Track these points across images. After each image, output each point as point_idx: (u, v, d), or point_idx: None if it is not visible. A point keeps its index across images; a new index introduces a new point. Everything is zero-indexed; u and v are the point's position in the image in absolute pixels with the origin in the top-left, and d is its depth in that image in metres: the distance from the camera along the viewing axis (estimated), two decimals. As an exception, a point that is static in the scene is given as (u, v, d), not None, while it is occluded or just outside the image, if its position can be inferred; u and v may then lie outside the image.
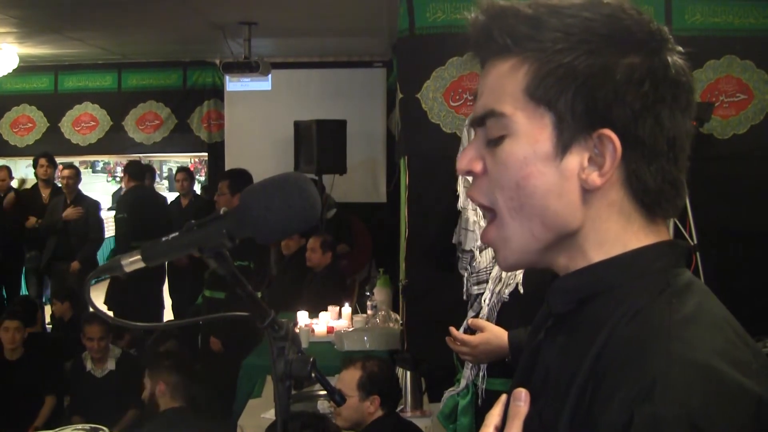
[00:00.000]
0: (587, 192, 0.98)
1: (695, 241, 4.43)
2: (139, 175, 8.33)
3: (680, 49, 1.01)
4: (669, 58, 0.98)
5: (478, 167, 1.05)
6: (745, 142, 4.72)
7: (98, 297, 8.39)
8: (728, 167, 4.56)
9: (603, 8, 0.97)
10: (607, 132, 0.95)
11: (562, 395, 0.95)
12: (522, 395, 1.00)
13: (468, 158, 1.06)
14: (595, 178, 0.97)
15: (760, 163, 4.66)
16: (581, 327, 1.00)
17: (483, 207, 1.07)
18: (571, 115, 0.96)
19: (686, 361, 0.85)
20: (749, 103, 4.72)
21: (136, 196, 8.06)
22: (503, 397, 1.08)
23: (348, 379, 3.38)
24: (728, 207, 4.56)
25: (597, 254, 1.02)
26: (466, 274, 2.98)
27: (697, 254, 4.40)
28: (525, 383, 1.05)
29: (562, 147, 0.97)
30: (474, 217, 2.84)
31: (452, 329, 2.73)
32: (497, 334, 2.61)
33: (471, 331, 2.73)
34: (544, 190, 0.99)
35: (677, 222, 4.41)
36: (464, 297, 3.01)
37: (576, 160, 0.97)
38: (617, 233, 1.00)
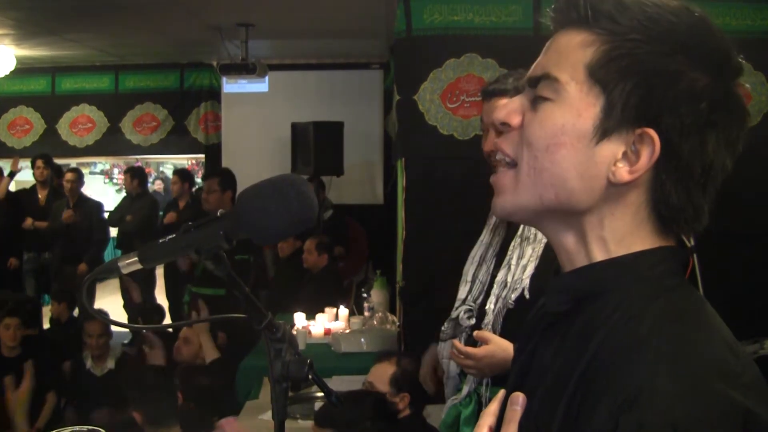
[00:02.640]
0: (611, 184, 0.98)
1: (693, 243, 4.42)
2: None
3: (748, 87, 1.01)
4: (735, 91, 0.99)
5: (515, 120, 1.04)
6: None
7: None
8: (725, 169, 4.56)
9: (690, 17, 0.97)
10: (651, 132, 0.94)
11: (556, 398, 0.94)
12: (519, 399, 1.00)
13: (508, 110, 1.05)
14: (623, 173, 0.96)
15: (757, 164, 4.66)
16: (576, 329, 0.99)
17: (507, 157, 1.06)
18: (623, 105, 0.96)
19: (673, 371, 0.85)
20: (746, 104, 4.72)
21: None
22: (501, 393, 1.07)
23: (380, 373, 3.38)
24: (726, 208, 4.51)
25: (599, 251, 1.01)
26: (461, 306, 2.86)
27: (695, 256, 4.40)
28: (521, 385, 1.04)
29: (602, 132, 0.97)
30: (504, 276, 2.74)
31: (455, 342, 2.67)
32: (503, 347, 2.54)
33: (473, 342, 2.67)
34: (570, 164, 0.98)
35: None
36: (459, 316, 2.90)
37: (611, 149, 0.97)
38: (624, 234, 1.00)
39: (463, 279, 2.81)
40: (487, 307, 2.65)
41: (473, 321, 2.68)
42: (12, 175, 8.59)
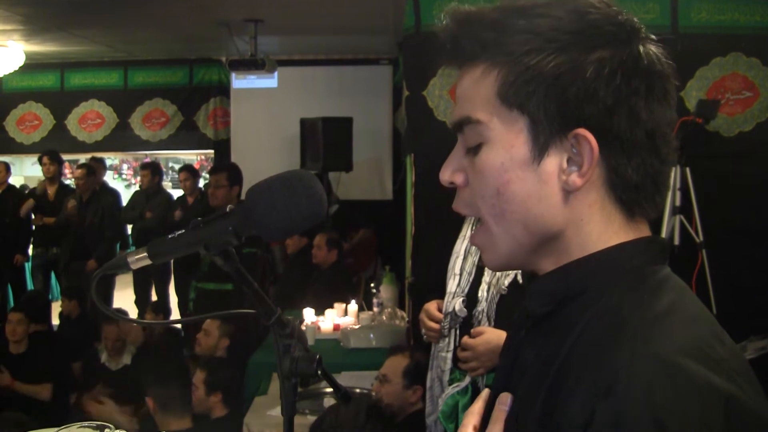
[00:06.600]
0: (568, 193, 0.97)
1: (701, 238, 4.42)
2: None
3: (653, 37, 0.99)
4: (641, 48, 0.96)
5: (459, 179, 1.05)
6: (750, 139, 4.71)
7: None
8: (734, 164, 4.55)
9: (569, 4, 0.96)
10: (582, 131, 0.94)
11: (535, 395, 0.94)
12: (507, 400, 1.00)
13: (450, 170, 1.06)
14: (575, 178, 0.96)
15: (765, 160, 4.65)
16: (557, 329, 0.98)
17: (467, 217, 1.07)
18: (545, 117, 0.95)
19: (650, 357, 0.83)
20: (755, 100, 4.71)
21: None
22: (485, 392, 1.08)
23: (395, 365, 3.43)
24: (734, 204, 4.55)
25: (580, 255, 1.00)
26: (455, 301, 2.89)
27: (703, 251, 4.40)
28: (506, 384, 1.04)
29: (539, 150, 0.96)
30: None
31: (465, 339, 2.73)
32: (497, 333, 2.61)
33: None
34: (524, 195, 0.98)
35: (683, 219, 4.41)
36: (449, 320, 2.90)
37: (554, 162, 0.96)
38: (599, 234, 0.99)
39: (450, 273, 2.85)
40: (479, 295, 2.70)
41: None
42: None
